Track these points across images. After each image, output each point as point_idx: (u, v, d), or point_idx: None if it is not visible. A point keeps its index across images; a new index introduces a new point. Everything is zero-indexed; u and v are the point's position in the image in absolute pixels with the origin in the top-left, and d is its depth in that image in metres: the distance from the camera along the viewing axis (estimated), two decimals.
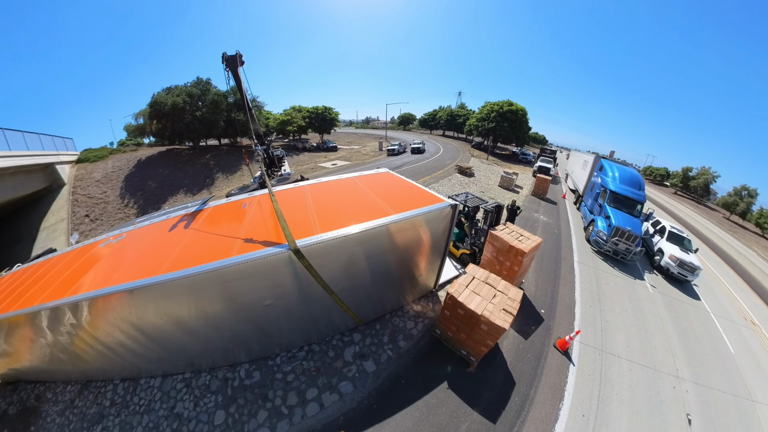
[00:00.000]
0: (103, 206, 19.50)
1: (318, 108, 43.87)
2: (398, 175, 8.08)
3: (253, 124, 14.19)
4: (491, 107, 40.60)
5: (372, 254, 5.15)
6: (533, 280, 9.88)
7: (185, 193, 22.56)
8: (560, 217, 17.06)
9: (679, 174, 59.83)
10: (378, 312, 6.98)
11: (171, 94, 26.17)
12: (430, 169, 25.13)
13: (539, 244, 8.03)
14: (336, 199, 6.33)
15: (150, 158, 27.11)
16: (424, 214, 5.46)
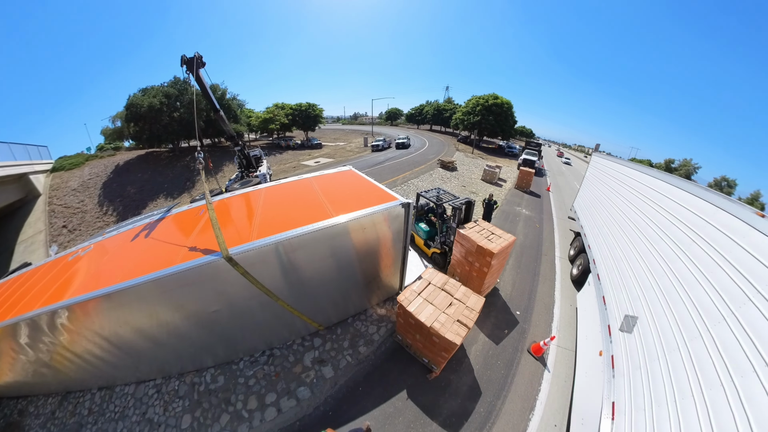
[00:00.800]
0: (81, 216, 18.81)
1: (301, 105, 42.96)
2: (359, 173, 7.58)
3: (224, 126, 13.75)
4: (477, 101, 40.37)
5: (314, 259, 4.99)
6: (510, 278, 9.46)
7: (165, 197, 21.80)
8: (543, 210, 16.74)
9: (661, 165, 61.56)
10: (339, 316, 6.80)
11: (147, 95, 25.23)
12: (413, 164, 24.59)
13: (512, 242, 7.54)
14: (285, 202, 6.22)
15: (128, 163, 26.30)
16: (370, 215, 5.11)
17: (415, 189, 17.26)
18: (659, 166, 62.73)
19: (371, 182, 6.81)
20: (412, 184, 18.24)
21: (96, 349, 4.59)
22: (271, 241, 4.32)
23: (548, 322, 7.93)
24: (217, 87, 30.95)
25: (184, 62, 9.91)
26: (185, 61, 9.93)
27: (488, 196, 12.44)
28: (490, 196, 12.32)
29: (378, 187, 6.41)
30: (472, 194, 17.51)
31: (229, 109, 31.50)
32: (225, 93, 31.42)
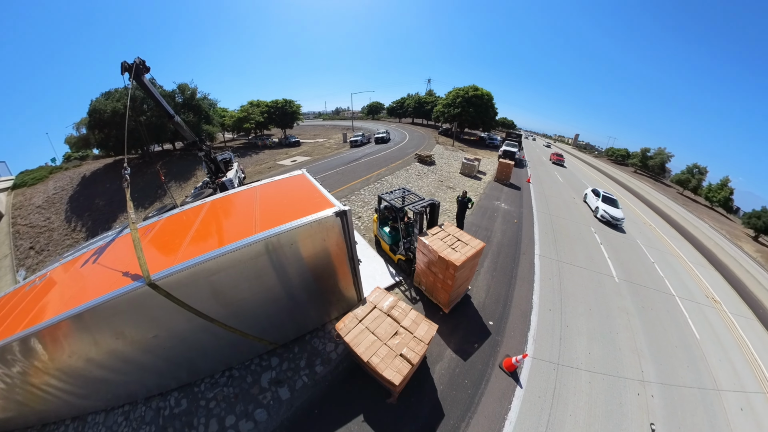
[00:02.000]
0: (48, 234, 17.85)
1: (278, 101, 41.31)
2: (309, 178, 6.79)
3: (182, 132, 13.15)
4: (457, 93, 39.60)
5: (240, 280, 4.47)
6: (484, 283, 8.57)
7: (137, 207, 20.61)
8: (523, 203, 16.02)
9: (638, 154, 63.04)
10: (293, 333, 6.34)
11: (111, 99, 23.78)
12: (390, 159, 23.49)
13: (480, 250, 6.61)
14: (222, 217, 5.72)
15: (95, 173, 24.93)
16: (294, 230, 4.49)
17: (388, 187, 16.18)
18: (635, 154, 64.17)
19: (316, 188, 6.10)
20: (386, 181, 17.14)
21: (54, 380, 4.46)
22: (190, 264, 3.96)
23: (524, 331, 7.16)
24: (186, 87, 29.44)
25: (126, 69, 9.05)
26: (126, 68, 9.07)
27: (461, 193, 11.39)
28: (463, 194, 11.04)
29: (321, 194, 5.75)
30: (449, 189, 16.60)
31: (200, 110, 29.98)
32: (195, 92, 29.79)
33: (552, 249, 11.37)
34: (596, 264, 11.12)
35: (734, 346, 9.18)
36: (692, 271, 13.86)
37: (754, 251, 24.49)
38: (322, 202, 5.22)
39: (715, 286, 13.18)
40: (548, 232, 12.79)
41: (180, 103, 28.08)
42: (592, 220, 16.05)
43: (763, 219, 30.59)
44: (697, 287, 12.37)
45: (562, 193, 20.92)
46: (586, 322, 7.98)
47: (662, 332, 8.54)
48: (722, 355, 8.40)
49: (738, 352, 8.86)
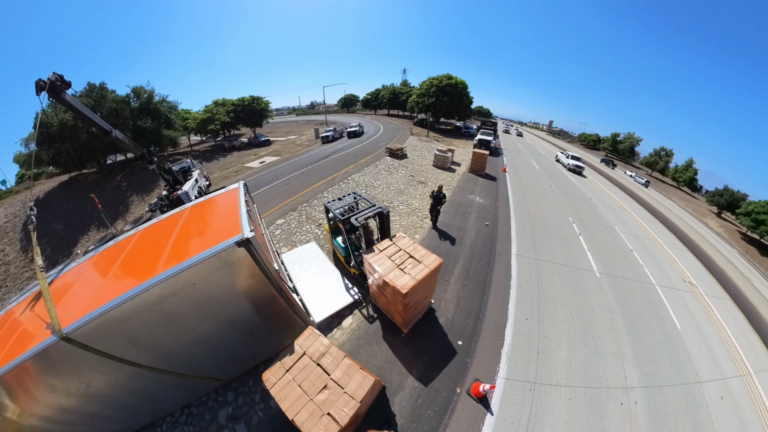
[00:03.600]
0: (5, 268, 16.93)
1: (244, 99, 38.89)
2: (240, 193, 5.98)
3: (124, 146, 12.17)
4: (431, 82, 38.44)
5: (153, 326, 3.98)
6: (454, 295, 7.62)
7: (97, 228, 19.40)
8: (499, 195, 15.21)
9: (608, 139, 65.02)
10: (242, 367, 5.82)
11: (58, 110, 21.34)
12: (360, 155, 22.19)
13: (436, 269, 5.63)
14: (141, 251, 4.98)
15: (50, 194, 23.12)
16: (195, 266, 3.81)
17: (354, 186, 14.97)
18: (606, 139, 66.05)
19: (238, 208, 5.29)
20: (353, 180, 15.88)
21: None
22: (96, 315, 3.61)
23: (497, 349, 6.33)
24: (141, 90, 27.34)
25: (42, 87, 7.96)
26: (42, 86, 7.97)
27: (437, 188, 10.66)
28: (438, 188, 10.51)
29: (237, 216, 4.93)
30: (420, 184, 15.58)
31: (158, 114, 28.02)
32: (152, 95, 27.78)
33: (530, 246, 10.61)
34: (576, 258, 10.49)
35: (712, 330, 9.20)
36: (669, 255, 13.75)
37: (718, 227, 25.38)
38: (231, 228, 4.33)
39: (691, 269, 13.23)
40: (526, 226, 12.03)
41: (136, 108, 26.17)
42: (569, 210, 15.53)
43: (725, 197, 31.88)
44: (674, 272, 12.27)
45: (539, 181, 20.41)
46: (566, 328, 7.25)
47: (645, 328, 8.16)
48: (702, 343, 8.38)
49: (716, 337, 8.96)
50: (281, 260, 8.39)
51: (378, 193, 14.13)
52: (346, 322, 6.74)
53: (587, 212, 16.00)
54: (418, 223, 11.27)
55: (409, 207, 12.62)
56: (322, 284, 7.54)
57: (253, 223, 5.00)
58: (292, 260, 8.51)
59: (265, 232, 8.29)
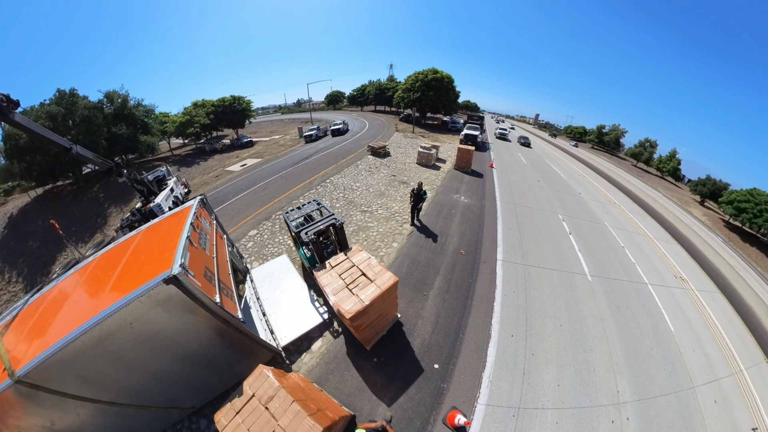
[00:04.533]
0: None
1: (225, 99, 37.55)
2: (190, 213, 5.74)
3: (88, 161, 11.58)
4: (416, 77, 37.53)
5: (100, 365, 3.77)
6: (432, 312, 6.92)
7: (76, 243, 18.64)
8: (486, 194, 14.51)
9: (594, 131, 65.47)
10: (210, 394, 5.54)
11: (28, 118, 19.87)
12: (342, 154, 21.28)
13: (389, 289, 5.06)
14: (91, 284, 4.82)
15: (24, 210, 22.36)
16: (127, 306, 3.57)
17: (332, 189, 14.11)
18: (592, 131, 66.46)
19: (178, 235, 4.95)
20: (331, 182, 15.00)
21: None
22: (45, 356, 3.38)
23: (477, 372, 5.71)
24: (115, 94, 26.21)
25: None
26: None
27: (417, 185, 10.25)
28: (419, 186, 10.19)
29: (175, 245, 4.58)
30: (402, 185, 14.79)
31: (134, 119, 26.95)
32: (126, 99, 26.71)
33: (517, 250, 9.95)
34: (566, 261, 9.89)
35: (704, 329, 8.89)
36: (659, 250, 13.40)
37: (702, 215, 25.44)
38: (165, 261, 4.00)
39: (681, 263, 12.92)
40: (513, 227, 11.37)
41: (110, 114, 25.01)
42: (558, 206, 14.94)
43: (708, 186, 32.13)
44: (665, 268, 11.92)
45: (527, 176, 19.81)
46: (555, 343, 6.64)
47: (638, 335, 7.69)
48: (695, 343, 8.12)
49: (708, 335, 8.68)
50: (251, 277, 7.98)
51: (356, 197, 13.31)
52: (316, 345, 6.20)
53: (577, 208, 15.49)
54: (396, 228, 10.52)
55: (389, 211, 11.85)
56: (291, 302, 6.96)
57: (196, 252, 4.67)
58: (261, 276, 8.00)
59: (232, 249, 7.93)
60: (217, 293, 4.48)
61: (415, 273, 8.23)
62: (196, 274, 4.08)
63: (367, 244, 9.67)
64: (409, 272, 8.24)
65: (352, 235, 10.23)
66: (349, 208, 12.26)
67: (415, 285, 7.74)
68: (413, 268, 8.45)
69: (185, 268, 3.75)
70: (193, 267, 4.11)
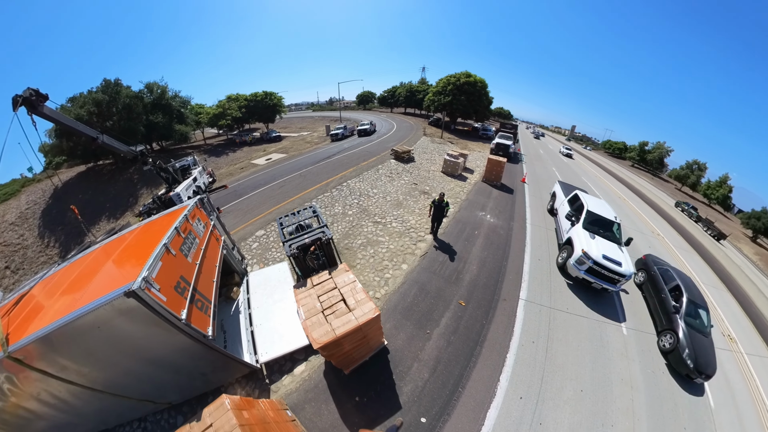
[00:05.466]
0: (23, 252, 17.71)
1: (257, 94, 38.19)
2: (177, 219, 5.46)
3: (115, 150, 12.53)
4: (448, 80, 35.93)
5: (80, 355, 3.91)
6: (433, 355, 5.85)
7: (107, 219, 20.12)
8: (515, 213, 12.93)
9: (635, 148, 60.34)
10: (183, 395, 5.54)
11: (75, 105, 22.55)
12: (364, 156, 20.34)
13: (367, 323, 4.45)
14: (84, 274, 4.84)
15: (68, 184, 24.03)
16: (94, 312, 3.50)
17: (348, 194, 13.23)
18: (633, 148, 61.30)
19: (158, 241, 4.80)
20: (348, 186, 14.09)
21: None
22: (33, 339, 3.52)
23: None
24: (154, 85, 27.82)
25: (20, 103, 8.13)
26: (20, 102, 8.13)
27: (438, 196, 9.30)
28: (440, 196, 9.22)
29: (149, 253, 4.41)
30: (423, 194, 13.63)
31: (170, 109, 28.35)
32: (165, 90, 28.29)
33: (545, 287, 8.46)
34: (601, 305, 8.30)
35: (750, 407, 7.06)
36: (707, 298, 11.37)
37: (753, 253, 22.26)
38: (135, 269, 3.94)
39: (730, 316, 10.74)
40: (543, 257, 9.86)
41: (149, 103, 26.47)
42: None
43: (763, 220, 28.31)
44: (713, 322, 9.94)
45: None
46: (571, 413, 5.34)
47: (671, 410, 6.15)
48: (737, 427, 6.45)
49: (754, 417, 6.82)
50: (248, 281, 7.75)
51: (371, 204, 12.33)
52: (299, 368, 5.70)
53: None
54: (409, 247, 9.41)
55: (404, 225, 10.74)
56: (281, 316, 6.47)
57: (173, 261, 4.51)
58: (257, 282, 7.71)
59: (233, 249, 7.80)
60: (185, 308, 4.20)
61: (421, 304, 7.14)
62: (164, 286, 3.94)
63: (373, 262, 8.69)
64: (414, 302, 7.19)
65: (359, 249, 9.29)
66: (361, 217, 11.33)
67: (419, 319, 6.69)
68: (420, 297, 7.35)
69: (149, 281, 3.66)
70: (163, 278, 4.02)
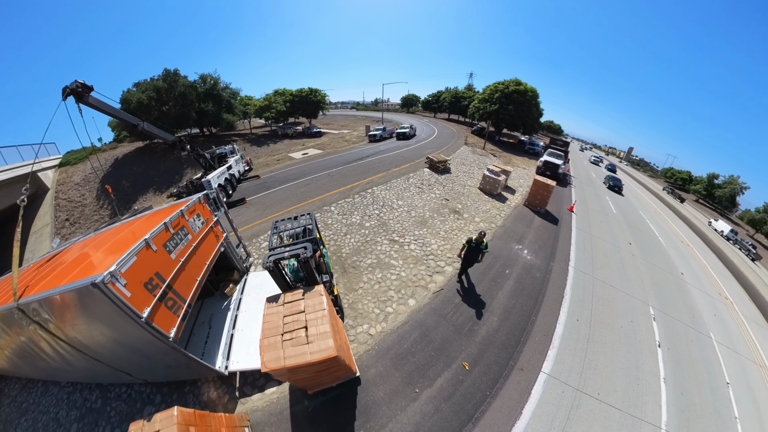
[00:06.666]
0: (81, 209, 19.44)
1: (302, 90, 38.44)
2: (167, 217, 5.27)
3: (155, 136, 13.07)
4: (495, 87, 32.80)
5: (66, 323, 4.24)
6: (413, 419, 4.67)
7: (154, 191, 21.42)
8: (556, 251, 10.56)
9: (703, 180, 51.00)
10: (159, 378, 5.80)
11: (139, 89, 24.76)
12: (398, 161, 18.82)
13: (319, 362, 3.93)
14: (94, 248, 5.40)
15: (127, 156, 26.06)
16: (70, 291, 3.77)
17: (371, 202, 11.85)
18: (700, 180, 52.17)
19: (141, 235, 4.74)
20: (372, 193, 12.71)
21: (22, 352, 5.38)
22: (37, 298, 3.99)
23: None
24: (208, 77, 29.32)
25: (68, 93, 8.77)
26: (68, 92, 8.77)
27: (477, 235, 6.98)
28: (479, 236, 6.89)
29: (129, 247, 4.38)
30: (454, 214, 11.80)
31: (220, 99, 29.66)
32: (217, 82, 29.72)
33: (576, 360, 6.38)
34: (639, 397, 6.01)
35: None
36: None
37: None
38: (111, 260, 4.00)
39: None
40: (582, 318, 7.67)
41: (202, 92, 27.87)
42: (651, 292, 10.09)
43: None
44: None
45: (616, 234, 14.40)
46: None
47: None
48: None
49: None
50: (246, 280, 7.60)
51: (393, 218, 10.84)
52: (270, 389, 5.41)
53: (676, 300, 10.38)
54: (423, 278, 7.84)
55: (424, 249, 9.14)
56: None
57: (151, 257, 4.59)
58: (254, 284, 7.46)
59: (235, 245, 7.73)
60: (150, 306, 4.17)
61: (419, 355, 5.73)
62: (133, 281, 4.03)
63: (377, 290, 7.33)
64: (411, 350, 5.84)
65: (366, 270, 8.01)
66: (378, 231, 9.93)
67: (410, 373, 5.40)
68: (419, 346, 5.92)
69: (114, 276, 3.76)
70: (134, 273, 4.10)
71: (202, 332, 6.25)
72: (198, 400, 5.47)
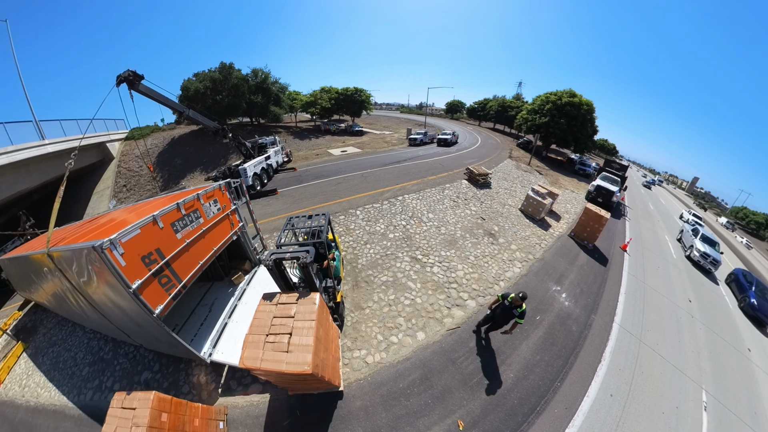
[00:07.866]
0: (137, 179, 21.49)
1: (348, 89, 38.48)
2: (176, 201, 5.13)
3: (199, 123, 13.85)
4: (546, 97, 29.61)
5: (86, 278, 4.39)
6: None
7: (201, 171, 23.01)
8: (601, 300, 8.78)
9: None
10: (151, 347, 6.10)
11: (198, 79, 26.55)
12: (435, 169, 17.60)
13: (297, 374, 3.76)
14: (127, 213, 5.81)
15: (182, 137, 28.06)
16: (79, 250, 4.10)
17: (400, 211, 10.99)
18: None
19: (151, 210, 4.84)
20: (403, 201, 11.81)
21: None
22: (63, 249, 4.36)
23: None
24: (259, 71, 30.39)
25: (121, 81, 9.32)
26: (121, 80, 9.34)
27: (516, 295, 5.27)
28: (519, 299, 5.21)
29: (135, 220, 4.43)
30: (488, 236, 10.50)
31: (269, 92, 30.68)
32: (268, 76, 30.71)
33: None
34: None
35: None
36: None
37: None
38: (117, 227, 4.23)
39: None
40: (617, 390, 6.11)
41: (253, 85, 28.99)
42: (708, 370, 7.86)
43: None
44: None
45: (674, 287, 11.68)
46: None
47: None
48: None
49: None
50: (255, 272, 7.48)
51: (419, 233, 9.90)
52: (254, 391, 5.29)
53: (737, 386, 7.90)
54: (440, 310, 6.87)
55: (448, 275, 8.10)
56: None
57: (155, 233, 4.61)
58: (261, 278, 7.29)
59: (251, 236, 7.67)
60: (142, 279, 4.13)
61: (413, 400, 4.99)
62: (131, 252, 4.04)
63: (386, 313, 6.59)
64: (405, 392, 5.12)
65: (379, 288, 7.32)
66: (400, 245, 9.07)
67: (398, 418, 4.77)
68: (417, 389, 5.15)
69: (114, 244, 3.82)
70: (134, 245, 4.12)
71: (202, 314, 6.25)
72: (188, 380, 5.61)
